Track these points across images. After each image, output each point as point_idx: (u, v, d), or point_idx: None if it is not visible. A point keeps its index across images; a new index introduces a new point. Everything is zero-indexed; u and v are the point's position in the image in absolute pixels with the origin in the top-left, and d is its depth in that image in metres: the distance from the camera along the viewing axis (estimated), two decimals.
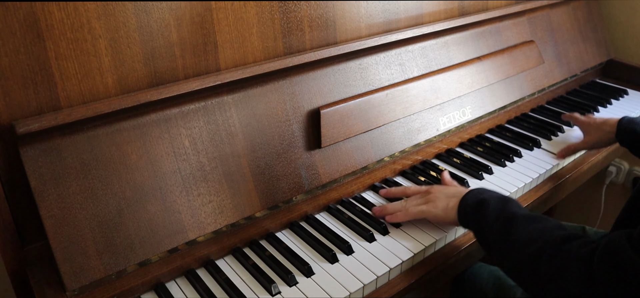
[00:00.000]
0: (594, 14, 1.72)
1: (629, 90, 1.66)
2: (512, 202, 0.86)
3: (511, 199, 0.87)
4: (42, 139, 0.76)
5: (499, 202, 0.86)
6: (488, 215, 0.85)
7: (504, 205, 0.85)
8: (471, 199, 0.90)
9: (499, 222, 0.83)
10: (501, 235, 0.82)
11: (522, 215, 0.81)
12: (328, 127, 1.02)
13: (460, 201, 0.92)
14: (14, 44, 0.74)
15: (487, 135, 1.37)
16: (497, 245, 0.83)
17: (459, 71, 1.27)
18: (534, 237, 0.78)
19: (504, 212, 0.83)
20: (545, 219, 0.81)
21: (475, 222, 0.88)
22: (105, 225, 0.79)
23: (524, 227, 0.80)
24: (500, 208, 0.84)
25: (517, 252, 0.79)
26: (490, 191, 0.91)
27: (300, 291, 0.84)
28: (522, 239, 0.78)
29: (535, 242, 0.77)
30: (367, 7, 1.13)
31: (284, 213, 1.00)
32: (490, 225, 0.84)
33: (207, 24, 0.91)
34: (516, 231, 0.80)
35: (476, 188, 0.94)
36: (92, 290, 0.79)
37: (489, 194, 0.88)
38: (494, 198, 0.87)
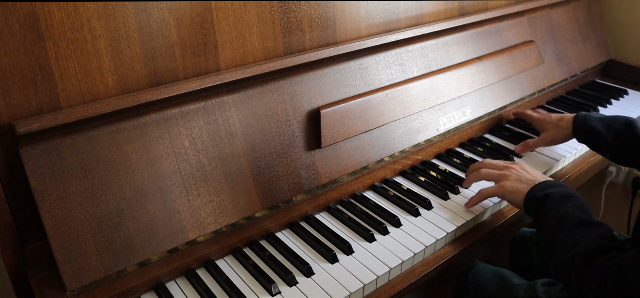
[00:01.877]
0: (594, 14, 1.72)
1: (629, 90, 1.66)
2: (573, 201, 0.87)
3: (574, 197, 0.89)
4: (42, 138, 0.76)
5: (561, 199, 0.88)
6: (547, 210, 0.88)
7: (564, 203, 0.87)
8: (538, 192, 0.92)
9: (554, 219, 0.85)
10: (551, 233, 0.85)
11: (575, 217, 0.83)
12: (328, 127, 1.02)
13: (529, 190, 0.94)
14: (14, 44, 0.74)
15: (487, 136, 1.37)
16: (547, 242, 0.86)
17: (459, 71, 1.26)
18: (577, 241, 0.80)
19: (561, 211, 0.85)
20: (597, 225, 0.82)
21: (536, 214, 0.91)
22: (105, 225, 0.79)
23: (572, 229, 0.82)
24: (560, 206, 0.86)
25: (560, 252, 0.82)
26: (559, 186, 0.92)
27: (300, 291, 0.84)
28: (567, 241, 0.81)
29: (574, 247, 0.79)
30: (367, 7, 1.13)
31: (284, 213, 1.00)
32: (547, 221, 0.87)
33: (207, 24, 0.91)
34: (564, 232, 0.82)
35: (548, 180, 0.96)
36: (92, 290, 0.79)
37: (555, 189, 0.90)
38: (558, 195, 0.89)
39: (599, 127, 1.12)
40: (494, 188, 1.01)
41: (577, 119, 1.18)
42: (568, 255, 0.80)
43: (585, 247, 0.78)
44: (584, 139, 1.17)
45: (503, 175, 1.01)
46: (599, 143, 1.13)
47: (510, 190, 0.97)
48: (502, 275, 1.10)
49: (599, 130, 1.11)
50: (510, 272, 1.11)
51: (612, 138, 1.10)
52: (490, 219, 1.06)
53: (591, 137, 1.14)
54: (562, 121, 1.21)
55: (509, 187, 0.98)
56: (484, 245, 1.03)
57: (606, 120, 1.13)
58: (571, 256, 0.79)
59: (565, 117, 1.21)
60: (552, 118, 1.25)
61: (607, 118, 1.13)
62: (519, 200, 0.96)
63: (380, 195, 1.11)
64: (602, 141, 1.11)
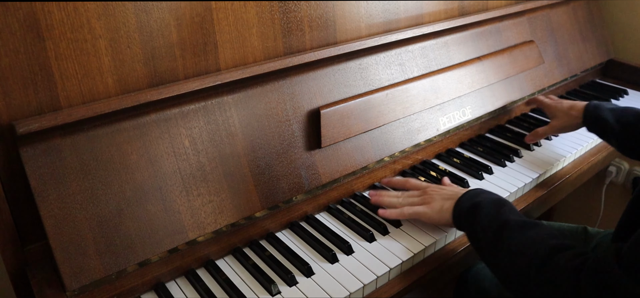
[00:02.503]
0: (594, 14, 1.72)
1: (629, 90, 1.66)
2: (507, 206, 0.83)
3: (506, 203, 0.85)
4: (42, 139, 0.76)
5: (493, 205, 0.83)
6: (481, 219, 0.82)
7: (498, 210, 0.82)
8: (466, 202, 0.87)
9: (492, 228, 0.80)
10: (493, 242, 0.80)
11: (515, 222, 0.79)
12: (328, 127, 1.02)
13: (455, 203, 0.90)
14: (14, 44, 0.74)
15: (487, 135, 1.37)
16: (489, 252, 0.81)
17: (459, 71, 1.27)
18: (526, 245, 0.75)
19: (497, 218, 0.81)
20: (539, 226, 0.78)
21: (469, 226, 0.85)
22: (105, 225, 0.79)
23: (516, 234, 0.78)
24: (494, 214, 0.82)
25: (508, 260, 0.77)
26: (486, 193, 0.88)
27: (300, 291, 0.84)
28: (513, 248, 0.76)
29: (525, 252, 0.75)
30: (367, 7, 1.13)
31: (284, 213, 1.00)
32: (483, 230, 0.82)
33: (207, 24, 0.91)
34: (508, 238, 0.78)
35: (472, 189, 0.92)
36: (92, 290, 0.79)
37: (483, 197, 0.86)
38: (488, 202, 0.84)
39: (609, 117, 1.10)
40: (419, 208, 0.96)
41: (588, 107, 1.16)
42: (520, 261, 0.75)
43: (542, 248, 0.73)
44: (593, 128, 1.15)
45: (424, 199, 0.97)
46: (608, 133, 1.11)
47: (436, 209, 0.93)
48: None
49: (609, 120, 1.10)
50: None
51: (621, 129, 1.08)
52: None
53: (601, 126, 1.12)
54: (573, 109, 1.20)
55: (435, 207, 0.93)
56: None
57: (617, 111, 1.11)
58: (526, 262, 0.74)
59: (577, 106, 1.20)
60: (564, 105, 1.23)
61: (618, 109, 1.12)
62: (446, 217, 0.91)
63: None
64: (611, 132, 1.10)
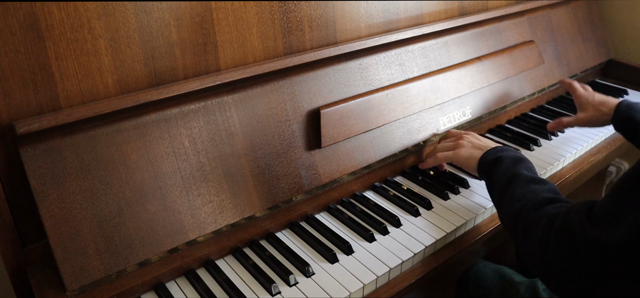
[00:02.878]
0: (594, 14, 1.72)
1: (629, 90, 1.66)
2: (524, 163, 0.91)
3: (525, 160, 0.92)
4: (42, 139, 0.76)
5: (512, 161, 0.92)
6: (499, 171, 0.91)
7: (515, 165, 0.90)
8: (490, 155, 0.97)
9: (505, 178, 0.89)
10: (502, 190, 0.88)
11: (525, 176, 0.87)
12: (328, 127, 1.02)
13: (483, 154, 0.99)
14: (14, 44, 0.74)
15: (487, 135, 1.37)
16: (497, 198, 0.90)
17: (459, 71, 1.27)
18: (525, 195, 0.83)
19: (512, 171, 0.89)
20: (545, 182, 0.86)
21: (488, 176, 0.95)
22: (105, 225, 0.79)
23: (522, 185, 0.85)
24: (511, 167, 0.90)
25: (508, 206, 0.85)
26: (510, 150, 0.97)
27: (300, 291, 0.84)
28: (516, 196, 0.84)
29: (523, 199, 0.82)
30: (367, 7, 1.13)
31: (284, 213, 1.00)
32: (497, 180, 0.91)
33: (207, 24, 0.91)
34: (513, 188, 0.86)
35: (497, 146, 1.00)
36: (92, 290, 0.79)
37: (507, 153, 0.95)
38: (509, 157, 0.93)
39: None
40: (449, 153, 1.07)
41: (621, 106, 1.15)
42: (516, 206, 0.82)
43: (533, 199, 0.81)
44: (621, 128, 1.15)
45: (457, 143, 1.07)
46: (636, 135, 1.11)
47: (465, 155, 1.03)
48: (503, 273, 1.10)
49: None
50: (511, 270, 1.11)
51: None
52: (491, 218, 1.06)
53: (631, 127, 1.12)
54: (604, 105, 1.19)
55: (463, 153, 1.04)
56: (485, 244, 1.03)
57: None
58: (519, 207, 0.81)
59: (609, 102, 1.19)
60: (595, 100, 1.22)
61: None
62: (472, 164, 1.01)
63: (380, 195, 1.11)
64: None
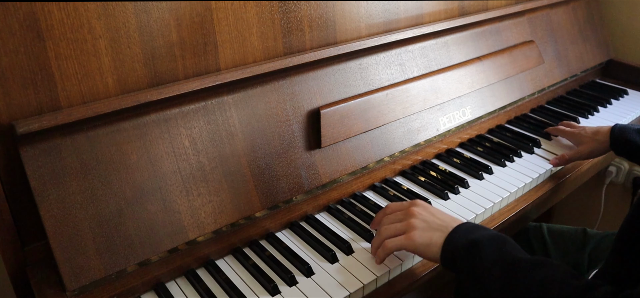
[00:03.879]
0: (594, 14, 1.72)
1: (629, 90, 1.66)
2: (508, 243, 0.76)
3: (506, 239, 0.77)
4: (42, 139, 0.76)
5: (494, 242, 0.75)
6: (484, 259, 0.74)
7: (501, 247, 0.75)
8: (460, 239, 0.78)
9: (498, 268, 0.73)
10: (505, 284, 0.71)
11: (524, 260, 0.72)
12: (328, 127, 1.02)
13: (446, 239, 0.79)
14: (14, 44, 0.74)
15: (487, 135, 1.37)
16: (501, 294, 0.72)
17: (459, 71, 1.27)
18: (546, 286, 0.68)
19: (503, 257, 0.74)
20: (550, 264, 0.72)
21: (469, 268, 0.75)
22: (105, 225, 0.79)
23: (531, 274, 0.70)
24: (498, 252, 0.74)
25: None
26: (481, 229, 0.79)
27: (300, 291, 0.84)
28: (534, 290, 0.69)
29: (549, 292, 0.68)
30: (367, 7, 1.13)
31: (284, 213, 1.00)
32: (488, 272, 0.73)
33: (207, 24, 0.91)
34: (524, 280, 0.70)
35: (463, 224, 0.82)
36: (92, 290, 0.79)
37: (479, 233, 0.77)
38: (487, 238, 0.76)
39: (637, 139, 1.12)
40: (401, 239, 0.84)
41: (614, 132, 1.17)
42: None
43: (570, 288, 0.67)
44: (622, 152, 1.16)
45: (408, 224, 0.84)
46: (638, 155, 1.13)
47: (421, 242, 0.81)
48: None
49: (638, 142, 1.12)
50: None
51: None
52: (490, 219, 1.06)
53: (630, 149, 1.14)
54: (599, 134, 1.21)
55: (418, 239, 0.82)
56: None
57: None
58: None
59: (602, 130, 1.21)
60: (588, 132, 1.24)
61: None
62: (434, 252, 0.80)
63: (380, 195, 1.11)
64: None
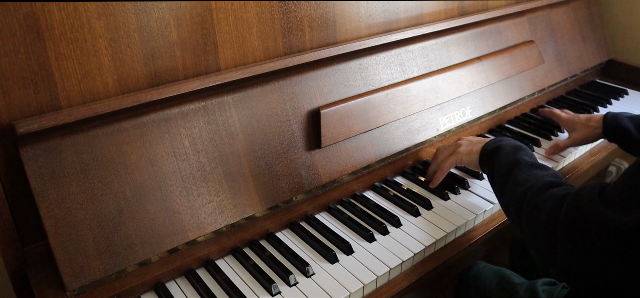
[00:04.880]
0: (594, 14, 1.72)
1: (629, 90, 1.66)
2: (524, 151, 0.93)
3: (525, 148, 0.94)
4: (42, 139, 0.76)
5: (512, 148, 0.94)
6: (500, 158, 0.93)
7: (516, 152, 0.92)
8: (490, 145, 0.99)
9: (507, 165, 0.91)
10: (504, 176, 0.90)
11: (527, 162, 0.89)
12: (328, 127, 1.02)
13: (482, 146, 1.02)
14: (14, 44, 0.74)
15: (488, 135, 1.37)
16: (499, 185, 0.91)
17: (459, 71, 1.26)
18: (528, 179, 0.84)
19: (513, 157, 0.91)
20: (546, 168, 0.88)
21: (489, 165, 0.97)
22: (105, 225, 0.79)
23: (524, 170, 0.87)
24: (511, 154, 0.92)
25: (511, 190, 0.86)
26: (508, 139, 0.99)
27: (300, 291, 0.84)
28: (519, 180, 0.86)
29: (526, 183, 0.84)
30: (367, 7, 1.13)
31: (284, 213, 1.00)
32: (499, 167, 0.92)
33: (207, 24, 0.91)
34: (516, 173, 0.87)
35: (497, 137, 1.03)
36: (92, 290, 0.79)
37: (506, 142, 0.97)
38: (509, 145, 0.95)
39: (630, 126, 1.12)
40: (451, 156, 1.08)
41: (606, 118, 1.17)
42: (519, 190, 0.83)
43: (537, 182, 0.82)
44: (614, 139, 1.16)
45: (456, 145, 1.10)
46: (630, 143, 1.13)
47: (465, 152, 1.07)
48: (503, 275, 1.10)
49: (630, 129, 1.12)
50: (511, 272, 1.11)
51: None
52: (490, 219, 1.06)
53: (622, 136, 1.14)
54: (592, 121, 1.21)
55: (463, 151, 1.07)
56: (484, 245, 1.03)
57: (636, 119, 1.13)
58: (523, 191, 0.82)
59: (595, 117, 1.21)
60: (581, 118, 1.25)
61: (637, 117, 1.13)
62: (474, 159, 1.04)
63: (380, 195, 1.11)
64: (634, 141, 1.11)
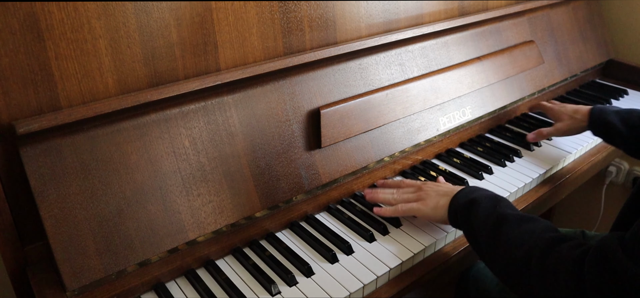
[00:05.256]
0: (594, 14, 1.72)
1: (629, 90, 1.66)
2: (503, 202, 0.85)
3: (503, 199, 0.86)
4: (42, 138, 0.76)
5: (490, 201, 0.84)
6: (479, 214, 0.83)
7: (495, 205, 0.83)
8: (462, 198, 0.88)
9: (490, 222, 0.81)
10: (492, 236, 0.80)
11: (513, 216, 0.80)
12: (328, 127, 1.02)
13: (451, 200, 0.90)
14: (14, 44, 0.74)
15: (487, 135, 1.37)
16: (488, 247, 0.81)
17: (459, 71, 1.27)
18: (524, 238, 0.76)
19: (495, 212, 0.82)
20: (537, 220, 0.79)
21: (467, 222, 0.86)
22: (105, 225, 0.79)
23: (514, 227, 0.78)
24: (491, 208, 0.83)
25: (507, 253, 0.77)
26: (482, 189, 0.89)
27: (300, 291, 0.84)
28: (512, 240, 0.77)
29: (525, 243, 0.75)
30: (367, 7, 1.13)
31: (284, 213, 1.00)
32: (481, 225, 0.82)
33: (207, 24, 0.91)
34: (506, 232, 0.78)
35: (468, 187, 0.93)
36: (92, 290, 0.79)
37: (479, 193, 0.87)
38: (485, 197, 0.85)
39: (615, 120, 1.12)
40: (413, 205, 0.97)
41: (593, 111, 1.17)
42: (519, 253, 0.75)
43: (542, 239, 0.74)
44: (599, 132, 1.16)
45: (419, 194, 0.97)
46: (614, 137, 1.13)
47: (431, 206, 0.94)
48: None
49: (615, 123, 1.11)
50: None
51: (628, 132, 1.10)
52: None
53: (607, 130, 1.14)
54: (578, 113, 1.21)
55: (429, 203, 0.94)
56: None
57: (623, 113, 1.13)
58: (524, 253, 0.74)
59: (581, 109, 1.21)
60: (568, 109, 1.24)
61: (623, 111, 1.13)
62: (441, 214, 0.92)
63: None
64: (618, 135, 1.11)
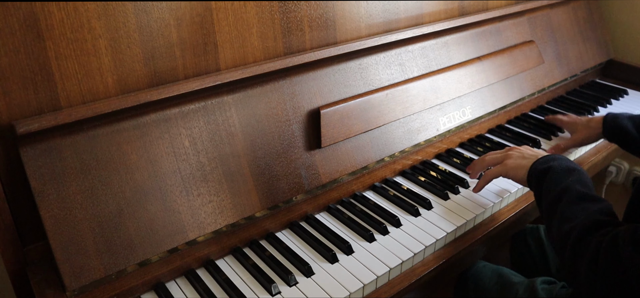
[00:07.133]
0: (594, 14, 1.72)
1: (629, 90, 1.66)
2: (575, 174, 0.88)
3: (576, 170, 0.89)
4: (42, 138, 0.76)
5: (563, 172, 0.88)
6: (548, 182, 0.88)
7: (567, 177, 0.87)
8: (541, 164, 0.93)
9: (555, 191, 0.86)
10: (552, 204, 0.85)
11: (577, 191, 0.84)
12: (328, 127, 1.02)
13: (532, 164, 0.95)
14: (14, 44, 0.74)
15: (487, 135, 1.37)
16: (547, 214, 0.86)
17: (459, 71, 1.27)
18: (577, 214, 0.80)
19: (563, 184, 0.86)
20: (598, 200, 0.83)
21: (537, 186, 0.92)
22: (105, 225, 0.79)
23: (573, 202, 0.82)
24: (562, 179, 0.87)
25: (557, 224, 0.82)
26: (561, 159, 0.93)
27: (300, 291, 0.84)
28: (566, 213, 0.81)
29: (575, 219, 0.79)
30: (367, 7, 1.13)
31: (284, 213, 1.00)
32: (547, 192, 0.88)
33: (207, 24, 0.91)
34: (565, 204, 0.82)
35: (550, 154, 0.97)
36: (92, 290, 0.79)
37: (557, 162, 0.91)
38: (560, 168, 0.89)
39: (629, 126, 1.13)
40: (498, 167, 1.03)
41: (606, 119, 1.19)
42: (566, 227, 0.79)
43: (584, 221, 0.78)
44: (614, 139, 1.18)
45: (506, 155, 1.04)
46: (629, 142, 1.14)
47: (513, 166, 0.99)
48: (502, 274, 1.10)
49: (629, 129, 1.13)
50: (510, 270, 1.12)
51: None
52: (490, 219, 1.06)
53: (621, 136, 1.15)
54: (592, 122, 1.23)
55: (511, 164, 1.00)
56: (484, 244, 1.03)
57: (636, 119, 1.14)
58: (569, 229, 0.78)
59: (595, 118, 1.23)
60: (582, 120, 1.27)
61: (636, 117, 1.15)
62: (521, 174, 0.97)
63: (380, 195, 1.11)
64: (633, 140, 1.13)
